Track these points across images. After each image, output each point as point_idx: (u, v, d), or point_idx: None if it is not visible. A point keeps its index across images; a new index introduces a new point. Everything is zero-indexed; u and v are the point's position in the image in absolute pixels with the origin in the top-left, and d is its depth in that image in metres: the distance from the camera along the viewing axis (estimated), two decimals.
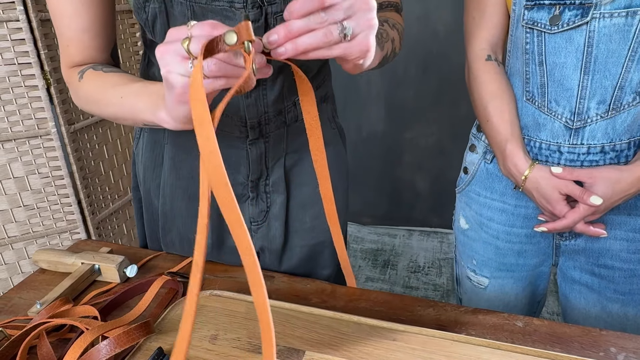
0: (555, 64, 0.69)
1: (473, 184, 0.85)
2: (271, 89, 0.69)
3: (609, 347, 0.58)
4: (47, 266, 0.77)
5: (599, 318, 0.81)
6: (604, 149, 0.70)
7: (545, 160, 0.74)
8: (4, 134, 1.36)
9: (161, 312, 0.65)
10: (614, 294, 0.78)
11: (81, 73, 0.61)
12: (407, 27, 2.01)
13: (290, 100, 0.73)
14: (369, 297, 0.69)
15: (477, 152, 0.84)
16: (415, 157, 2.25)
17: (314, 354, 0.55)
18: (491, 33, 0.77)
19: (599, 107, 0.68)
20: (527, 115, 0.75)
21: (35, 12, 1.29)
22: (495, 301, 0.88)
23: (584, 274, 0.81)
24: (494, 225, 0.84)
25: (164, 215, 0.79)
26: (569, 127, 0.71)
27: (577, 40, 0.66)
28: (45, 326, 0.59)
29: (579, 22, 0.65)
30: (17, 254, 1.49)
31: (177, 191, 0.76)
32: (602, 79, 0.67)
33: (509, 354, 0.55)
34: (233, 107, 0.70)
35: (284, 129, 0.74)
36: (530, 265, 0.85)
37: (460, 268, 0.94)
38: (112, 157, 1.65)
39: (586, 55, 0.66)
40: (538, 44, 0.69)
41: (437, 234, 2.35)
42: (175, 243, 0.81)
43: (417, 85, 2.11)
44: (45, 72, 1.35)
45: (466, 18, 0.80)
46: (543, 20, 0.67)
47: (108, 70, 0.60)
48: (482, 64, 0.77)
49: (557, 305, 1.83)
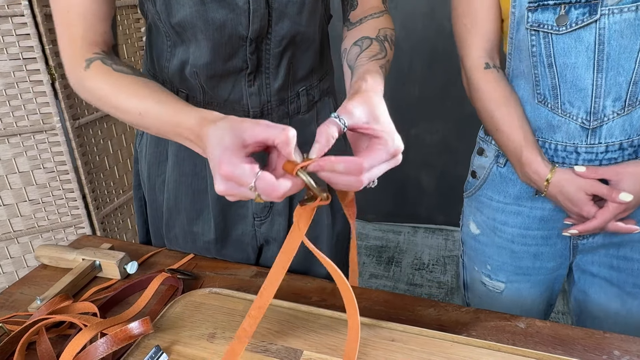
0: (566, 65, 0.67)
1: (485, 189, 0.83)
2: (275, 77, 0.69)
3: (612, 350, 0.57)
4: (48, 262, 0.77)
5: (618, 315, 0.79)
6: (622, 145, 0.69)
7: (562, 162, 0.72)
8: (9, 128, 1.36)
9: (161, 309, 0.65)
10: (633, 287, 0.77)
11: (88, 62, 0.59)
12: (413, 23, 2.00)
13: (294, 90, 0.73)
14: (369, 296, 0.68)
15: (486, 156, 0.82)
16: (420, 153, 2.24)
17: (312, 353, 0.55)
18: (486, 39, 0.74)
19: (615, 104, 0.67)
20: (540, 117, 0.73)
21: (39, 7, 1.29)
22: (512, 305, 0.86)
23: (603, 268, 0.79)
24: (508, 229, 0.82)
25: (168, 210, 0.79)
26: (585, 127, 0.69)
27: (587, 39, 0.64)
28: (45, 322, 0.59)
29: (587, 20, 0.63)
30: (22, 248, 1.50)
31: (181, 187, 0.76)
32: (616, 75, 0.65)
33: (510, 356, 0.54)
34: (236, 96, 0.70)
35: (287, 120, 0.73)
36: (547, 269, 0.83)
37: (469, 273, 0.92)
38: (117, 152, 1.65)
39: (598, 53, 0.64)
40: (545, 46, 0.67)
41: (442, 231, 2.33)
42: (178, 238, 0.81)
43: (423, 82, 2.10)
44: (50, 67, 1.35)
45: (456, 25, 0.77)
46: (549, 22, 0.65)
47: (118, 69, 0.58)
48: (482, 73, 0.75)
49: (563, 304, 1.81)
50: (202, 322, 0.60)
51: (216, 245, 0.79)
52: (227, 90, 0.69)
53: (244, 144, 0.45)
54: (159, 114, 0.54)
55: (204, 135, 0.48)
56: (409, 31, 2.02)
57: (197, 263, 0.77)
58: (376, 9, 0.71)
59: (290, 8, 0.64)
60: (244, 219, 0.77)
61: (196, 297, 0.65)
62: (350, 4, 0.72)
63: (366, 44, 0.65)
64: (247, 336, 0.52)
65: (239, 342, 0.53)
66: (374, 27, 0.68)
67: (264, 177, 0.44)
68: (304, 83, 0.74)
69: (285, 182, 0.45)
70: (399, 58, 2.08)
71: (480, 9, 0.72)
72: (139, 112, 0.55)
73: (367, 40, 0.65)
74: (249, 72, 0.67)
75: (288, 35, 0.66)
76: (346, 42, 0.69)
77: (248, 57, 0.66)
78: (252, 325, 0.52)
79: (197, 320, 0.60)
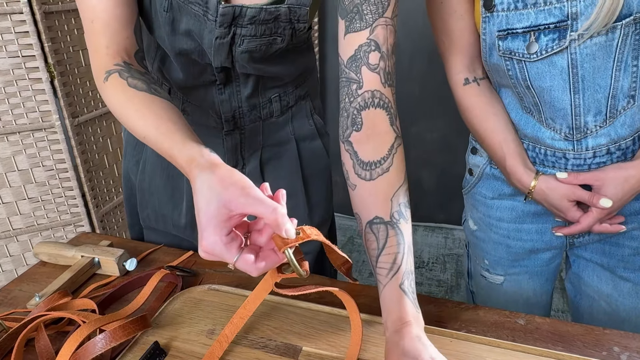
0: (543, 88, 0.67)
1: (479, 187, 0.84)
2: (245, 85, 0.71)
3: (612, 346, 0.57)
4: (47, 259, 0.77)
5: (610, 296, 0.80)
6: (610, 150, 0.69)
7: (552, 165, 0.73)
8: (8, 126, 1.36)
9: (159, 305, 0.65)
10: (624, 271, 0.78)
11: (107, 74, 0.60)
12: (413, 20, 1.99)
13: (266, 97, 0.74)
14: (368, 292, 0.68)
15: (481, 155, 0.84)
16: (420, 152, 2.23)
17: (311, 349, 0.55)
18: (464, 55, 0.74)
19: (596, 118, 0.67)
20: (528, 125, 0.73)
21: (39, 5, 1.28)
22: (514, 296, 0.88)
23: (595, 253, 0.81)
24: (503, 224, 0.83)
25: (142, 191, 0.81)
26: (569, 140, 0.70)
27: (560, 64, 0.63)
28: (43, 319, 0.59)
29: (557, 48, 0.62)
30: (21, 246, 1.49)
31: (157, 169, 0.78)
32: (594, 94, 0.65)
33: (510, 352, 0.54)
34: (208, 102, 0.72)
35: (260, 123, 0.75)
36: (544, 260, 0.84)
37: (473, 264, 0.94)
38: (116, 150, 1.65)
39: (572, 77, 0.64)
40: (520, 71, 0.67)
41: (442, 229, 2.33)
42: (151, 219, 0.83)
43: (423, 80, 2.10)
44: (49, 65, 1.35)
45: (436, 40, 0.78)
46: (520, 50, 0.65)
47: (132, 84, 0.59)
48: (462, 90, 0.75)
49: (562, 303, 1.81)
50: (201, 318, 0.60)
51: (185, 231, 0.81)
52: (199, 97, 0.72)
53: (229, 215, 0.44)
54: (157, 143, 0.54)
55: (191, 178, 0.49)
56: (409, 29, 2.02)
57: (196, 260, 0.77)
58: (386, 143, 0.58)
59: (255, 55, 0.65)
60: None
61: (195, 293, 0.65)
62: (353, 121, 0.58)
63: (382, 240, 0.55)
64: (227, 341, 0.55)
65: (219, 346, 0.54)
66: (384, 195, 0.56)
67: (244, 258, 0.45)
68: (277, 90, 0.75)
69: (263, 264, 0.46)
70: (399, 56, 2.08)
71: (455, 27, 0.72)
72: (143, 136, 0.56)
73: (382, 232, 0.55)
74: (218, 83, 0.70)
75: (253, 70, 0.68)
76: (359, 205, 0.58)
77: (216, 75, 0.68)
78: (233, 331, 0.55)
79: (196, 317, 0.60)
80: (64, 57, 1.39)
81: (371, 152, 0.57)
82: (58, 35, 1.37)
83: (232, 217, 0.45)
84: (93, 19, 0.61)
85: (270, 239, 0.48)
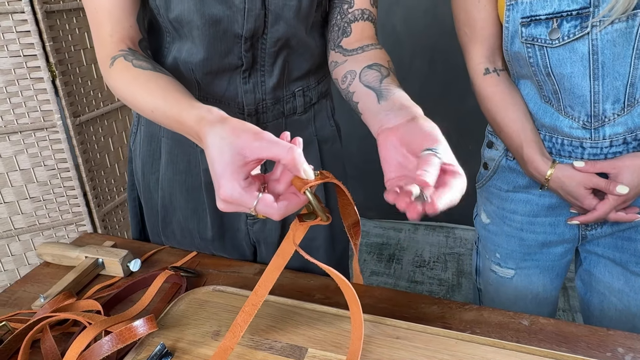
0: (563, 75, 0.69)
1: (494, 179, 0.86)
2: (270, 75, 0.69)
3: (617, 347, 0.57)
4: (51, 259, 0.77)
5: (622, 292, 0.81)
6: (626, 139, 0.71)
7: (569, 155, 0.75)
8: (10, 126, 1.36)
9: (164, 306, 0.65)
10: (636, 266, 0.79)
11: (112, 59, 0.60)
12: (414, 19, 1.99)
13: (290, 90, 0.73)
14: (372, 293, 0.68)
15: (496, 149, 0.85)
16: None
17: (317, 351, 0.55)
18: (485, 46, 0.76)
19: (615, 106, 0.69)
20: (546, 114, 0.75)
21: (40, 4, 1.28)
22: (523, 291, 0.89)
23: (607, 248, 0.82)
24: (517, 217, 0.84)
25: (164, 208, 0.79)
26: (587, 128, 0.71)
27: (581, 50, 0.65)
28: (49, 320, 0.59)
29: (579, 33, 0.64)
30: (23, 245, 1.50)
31: (175, 185, 0.77)
32: (613, 81, 0.67)
33: (514, 353, 0.54)
34: (231, 93, 0.70)
35: (282, 120, 0.74)
36: (556, 254, 0.85)
37: (482, 260, 0.95)
38: (118, 150, 1.65)
39: (592, 63, 0.66)
40: (542, 57, 0.69)
41: (443, 228, 2.33)
42: (176, 234, 0.81)
43: (423, 79, 2.09)
44: (51, 64, 1.35)
45: (458, 33, 0.79)
46: (542, 36, 0.67)
47: (137, 65, 0.59)
48: (482, 79, 0.78)
49: (564, 301, 1.82)
50: (207, 319, 0.60)
51: (214, 243, 0.79)
52: (222, 87, 0.70)
53: (244, 162, 0.44)
54: (165, 111, 0.54)
55: (202, 136, 0.47)
56: (410, 27, 2.01)
57: (200, 261, 0.77)
58: (373, 39, 0.69)
59: (286, 11, 0.64)
60: (239, 216, 0.78)
61: (200, 294, 0.65)
62: (343, 31, 0.69)
63: (384, 72, 0.62)
64: (240, 330, 0.52)
65: (232, 336, 0.52)
66: (381, 57, 0.65)
67: (264, 200, 0.44)
68: (300, 83, 0.74)
69: (284, 204, 0.45)
70: (400, 54, 2.08)
71: (478, 17, 0.74)
72: (151, 110, 0.56)
73: (384, 69, 0.62)
74: (243, 69, 0.68)
75: (283, 37, 0.66)
76: (352, 65, 0.65)
77: (243, 54, 0.66)
78: (246, 320, 0.52)
79: (202, 318, 0.60)
80: (65, 57, 1.39)
81: (357, 43, 0.67)
82: (59, 35, 1.36)
83: (248, 163, 0.44)
84: (96, 8, 0.61)
85: (288, 185, 0.47)
